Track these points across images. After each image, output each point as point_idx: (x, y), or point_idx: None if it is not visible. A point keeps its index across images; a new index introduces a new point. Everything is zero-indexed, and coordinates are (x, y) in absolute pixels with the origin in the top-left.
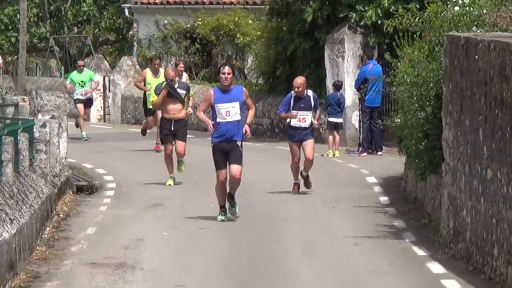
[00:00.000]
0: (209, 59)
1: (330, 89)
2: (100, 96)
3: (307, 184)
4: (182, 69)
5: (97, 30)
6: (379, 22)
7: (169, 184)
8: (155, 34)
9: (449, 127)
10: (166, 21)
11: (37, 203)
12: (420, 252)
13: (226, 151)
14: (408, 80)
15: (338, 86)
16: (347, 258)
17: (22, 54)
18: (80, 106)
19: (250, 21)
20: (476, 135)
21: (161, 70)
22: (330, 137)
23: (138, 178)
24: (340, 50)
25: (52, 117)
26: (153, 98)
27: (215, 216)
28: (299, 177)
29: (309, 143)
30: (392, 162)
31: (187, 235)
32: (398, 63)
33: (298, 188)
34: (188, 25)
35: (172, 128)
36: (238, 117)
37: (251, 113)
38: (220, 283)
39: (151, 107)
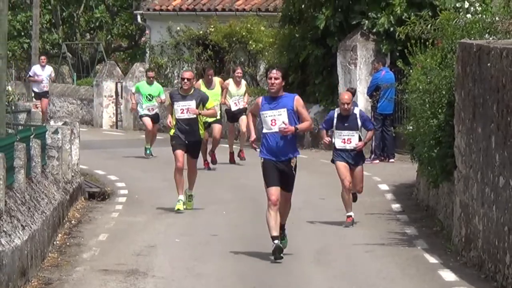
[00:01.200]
0: (222, 65)
1: None
2: (112, 102)
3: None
4: (239, 75)
5: (109, 36)
6: (392, 29)
7: (178, 209)
8: (168, 40)
9: (462, 135)
10: (178, 28)
11: (49, 210)
12: (432, 259)
13: (279, 169)
14: (420, 87)
15: (351, 93)
16: (359, 265)
17: (34, 61)
18: (148, 121)
19: (262, 28)
20: (488, 142)
21: (216, 80)
22: None
23: (150, 185)
24: (353, 57)
25: (65, 123)
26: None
27: (227, 222)
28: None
29: (358, 173)
30: (404, 169)
31: (199, 242)
32: (411, 70)
33: (353, 221)
34: (201, 32)
35: (186, 142)
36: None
37: (306, 122)
38: None
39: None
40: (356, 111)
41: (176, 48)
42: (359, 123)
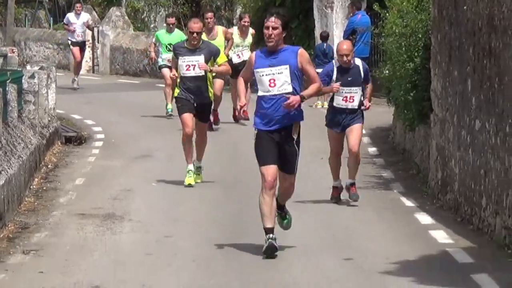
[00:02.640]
0: (198, 9)
1: (319, 40)
2: (89, 47)
3: (354, 192)
4: (246, 24)
5: None
6: None
7: (189, 184)
8: None
9: (438, 78)
10: None
11: (26, 154)
12: (408, 202)
13: (276, 142)
14: (396, 31)
15: (324, 37)
16: (336, 209)
17: (10, 5)
18: (167, 71)
19: None
20: (464, 85)
21: (218, 29)
22: None
23: (126, 129)
24: (329, 1)
25: (41, 68)
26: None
27: (204, 167)
28: (340, 183)
29: (355, 129)
30: (380, 113)
31: (176, 186)
32: (387, 14)
33: (339, 194)
34: None
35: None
36: (288, 88)
37: (313, 86)
38: (208, 234)
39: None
40: (358, 62)
41: None
42: (363, 75)
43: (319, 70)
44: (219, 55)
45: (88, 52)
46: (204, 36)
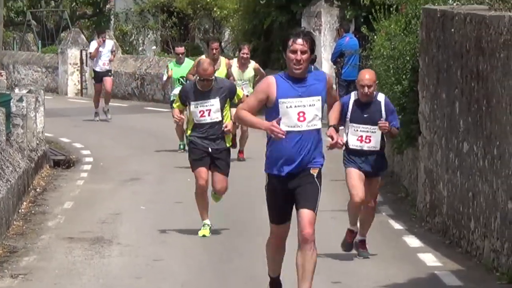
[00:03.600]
0: (186, 32)
1: None
2: (77, 70)
3: (364, 250)
4: (245, 56)
5: (74, 3)
6: None
7: (203, 235)
8: (132, 7)
9: (426, 101)
10: None
11: (14, 178)
12: (396, 225)
13: (292, 189)
14: (384, 53)
15: (312, 59)
16: (325, 232)
17: None
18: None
19: None
20: (452, 108)
21: (221, 60)
22: None
23: (115, 152)
24: (317, 23)
25: (29, 91)
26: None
27: (192, 189)
28: (357, 228)
29: (373, 181)
30: None
31: (165, 209)
32: (375, 37)
33: (352, 240)
34: None
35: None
36: (318, 124)
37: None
38: (197, 258)
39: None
40: (381, 98)
41: (140, 15)
42: (384, 113)
43: None
44: (235, 94)
45: (76, 75)
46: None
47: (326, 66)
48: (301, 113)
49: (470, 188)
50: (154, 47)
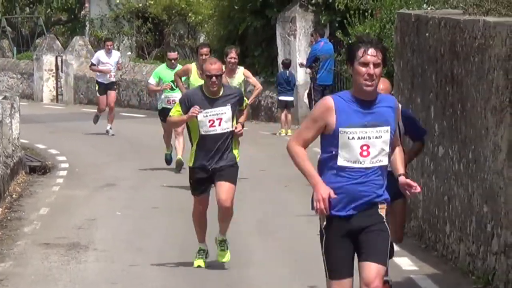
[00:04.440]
0: (161, 38)
1: (281, 68)
2: (52, 76)
3: None
4: (232, 60)
5: (49, 10)
6: (331, 0)
7: (198, 266)
8: (107, 13)
9: (401, 105)
10: (118, 1)
11: None
12: None
13: (355, 233)
14: None
15: (286, 64)
16: (301, 236)
17: None
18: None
19: (202, 0)
20: (427, 112)
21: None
22: (282, 116)
23: (91, 159)
24: (292, 28)
25: (5, 97)
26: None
27: (168, 195)
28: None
29: (397, 211)
30: None
31: (140, 215)
32: (349, 41)
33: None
34: (140, 5)
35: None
36: (384, 160)
37: (402, 154)
38: (173, 263)
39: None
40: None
41: (115, 21)
42: (402, 129)
43: (282, 98)
44: (243, 99)
45: (52, 81)
46: (195, 73)
47: (301, 71)
48: (365, 146)
49: (446, 192)
50: (129, 53)
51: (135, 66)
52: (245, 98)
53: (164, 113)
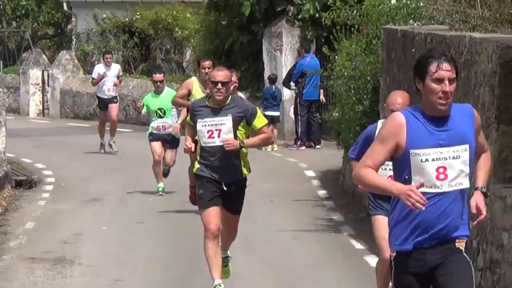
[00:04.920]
0: (148, 53)
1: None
2: (39, 90)
3: None
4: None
5: (35, 24)
6: (317, 15)
7: None
8: (94, 28)
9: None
10: (104, 15)
11: None
12: (358, 245)
13: (432, 269)
14: (345, 73)
15: (272, 79)
16: (286, 252)
17: None
18: (157, 146)
19: (188, 15)
20: None
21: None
22: None
23: (77, 173)
24: (278, 43)
25: None
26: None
27: (154, 209)
28: None
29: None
30: (330, 155)
31: (126, 230)
32: (336, 57)
33: None
34: (127, 19)
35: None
36: (464, 183)
37: (487, 167)
38: (159, 278)
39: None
40: None
41: (102, 35)
42: None
43: (268, 113)
44: (256, 117)
45: (38, 96)
46: (197, 88)
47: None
48: (441, 168)
49: None
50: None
51: (121, 81)
52: (262, 118)
53: (153, 137)
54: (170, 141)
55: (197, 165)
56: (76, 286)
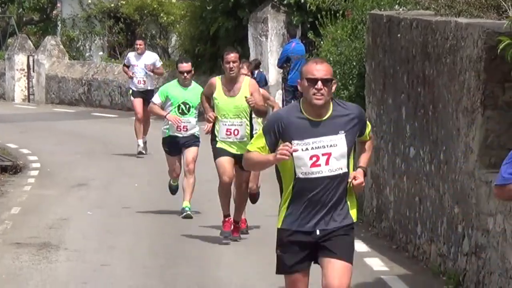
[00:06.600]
0: (133, 38)
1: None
2: (24, 76)
3: None
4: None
5: (21, 9)
6: (303, 0)
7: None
8: (79, 13)
9: (372, 106)
10: (90, 1)
11: None
12: None
13: None
14: (331, 58)
15: (256, 65)
16: (272, 238)
17: None
18: (173, 161)
19: (173, 0)
20: (399, 113)
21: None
22: None
23: (62, 158)
24: (264, 29)
25: None
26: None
27: (139, 194)
28: None
29: None
30: None
31: (111, 215)
32: (321, 42)
33: None
34: (112, 5)
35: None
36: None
37: None
38: (144, 263)
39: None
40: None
41: (87, 21)
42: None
43: None
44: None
45: (23, 81)
46: (220, 91)
47: (273, 71)
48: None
49: (417, 193)
50: (101, 53)
51: (106, 66)
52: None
53: (169, 143)
54: (191, 141)
55: (284, 207)
56: (62, 271)
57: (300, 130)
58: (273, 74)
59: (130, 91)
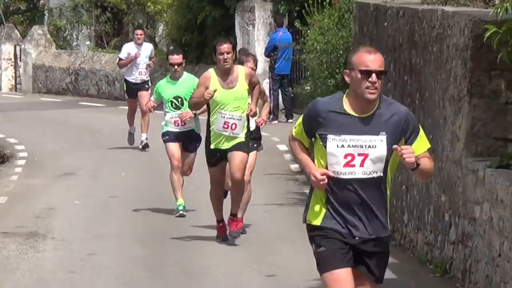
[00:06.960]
0: (120, 27)
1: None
2: (11, 65)
3: None
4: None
5: None
6: None
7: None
8: (66, 3)
9: None
10: None
11: None
12: None
13: None
14: (318, 47)
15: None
16: (258, 226)
17: None
18: (175, 148)
19: None
20: None
21: (238, 69)
22: None
23: (49, 148)
24: (251, 18)
25: None
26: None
27: (126, 184)
28: None
29: None
30: None
31: (99, 204)
32: (308, 31)
33: None
34: None
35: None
36: None
37: None
38: (132, 252)
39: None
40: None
41: (74, 10)
42: None
43: None
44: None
45: (10, 71)
46: (216, 83)
47: (260, 60)
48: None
49: (404, 182)
50: (88, 42)
51: (93, 56)
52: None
53: (168, 137)
54: (191, 140)
55: (319, 206)
56: (49, 260)
57: (338, 125)
58: (260, 63)
59: (124, 86)
